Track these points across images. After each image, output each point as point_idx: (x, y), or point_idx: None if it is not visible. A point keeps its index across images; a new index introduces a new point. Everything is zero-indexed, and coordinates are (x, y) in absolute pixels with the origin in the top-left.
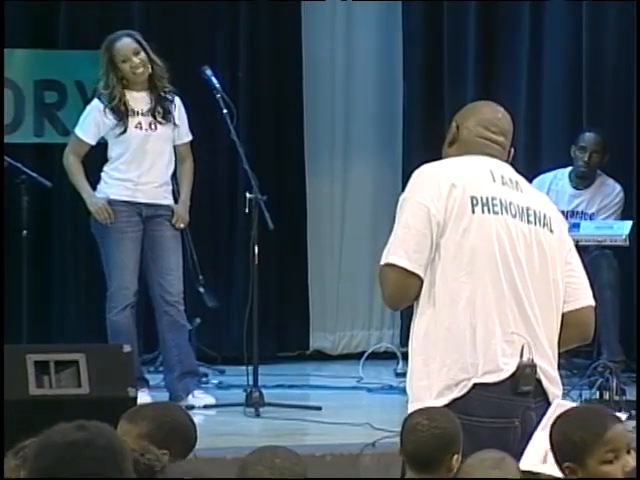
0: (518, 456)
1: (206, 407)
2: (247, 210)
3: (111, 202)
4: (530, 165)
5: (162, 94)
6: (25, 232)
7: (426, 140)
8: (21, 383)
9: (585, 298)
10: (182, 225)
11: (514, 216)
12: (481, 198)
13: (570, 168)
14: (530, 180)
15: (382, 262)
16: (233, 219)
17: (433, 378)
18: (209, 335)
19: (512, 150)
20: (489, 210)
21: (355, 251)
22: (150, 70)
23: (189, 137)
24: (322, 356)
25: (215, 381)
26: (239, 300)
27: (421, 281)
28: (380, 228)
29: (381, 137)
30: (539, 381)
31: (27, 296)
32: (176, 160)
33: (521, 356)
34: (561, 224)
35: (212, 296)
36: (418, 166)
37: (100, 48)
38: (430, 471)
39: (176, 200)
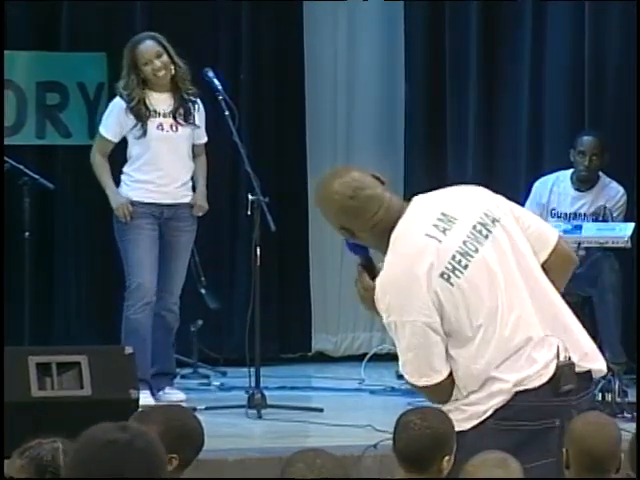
0: (558, 454)
1: (208, 408)
2: (249, 212)
3: (133, 203)
4: (532, 167)
5: (184, 96)
6: (27, 234)
7: (427, 141)
8: (23, 385)
9: (550, 236)
10: (201, 213)
11: (476, 250)
12: (446, 268)
13: (572, 170)
14: (532, 182)
15: (414, 383)
16: (235, 221)
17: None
18: (211, 337)
19: (383, 181)
20: (460, 270)
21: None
22: (172, 72)
23: (205, 138)
24: (324, 358)
25: (217, 383)
26: (241, 302)
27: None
28: None
29: (383, 138)
30: (579, 374)
31: (29, 297)
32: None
33: (557, 357)
34: (493, 204)
35: (214, 298)
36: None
37: (102, 50)
38: (419, 470)
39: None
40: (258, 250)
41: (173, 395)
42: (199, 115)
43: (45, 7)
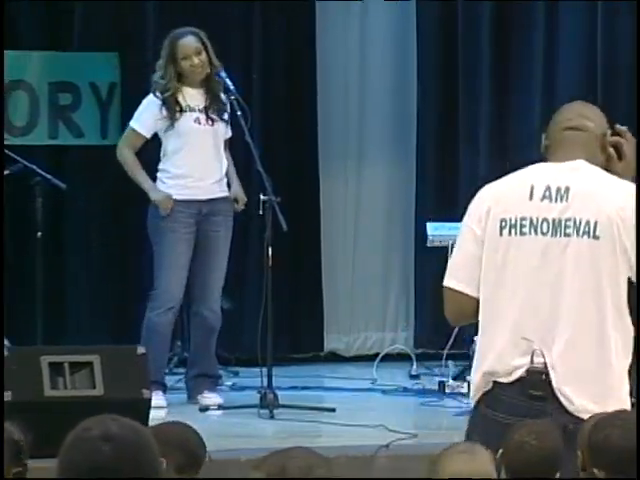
0: None
1: (220, 408)
2: (261, 212)
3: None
4: None
5: (217, 93)
6: (39, 234)
7: (440, 141)
8: (36, 384)
9: None
10: (242, 206)
11: (545, 233)
12: (510, 220)
13: None
14: None
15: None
16: (247, 221)
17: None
18: (223, 336)
19: (608, 130)
20: (516, 232)
21: (369, 252)
22: (208, 71)
23: (230, 134)
24: (336, 358)
25: (229, 383)
26: (253, 301)
27: (474, 298)
28: (394, 230)
29: (395, 138)
30: (552, 388)
31: (41, 297)
32: None
33: (531, 361)
34: (616, 225)
35: (227, 298)
36: (432, 167)
37: (114, 50)
38: None
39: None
40: (270, 250)
41: (209, 399)
42: (228, 113)
43: (57, 7)
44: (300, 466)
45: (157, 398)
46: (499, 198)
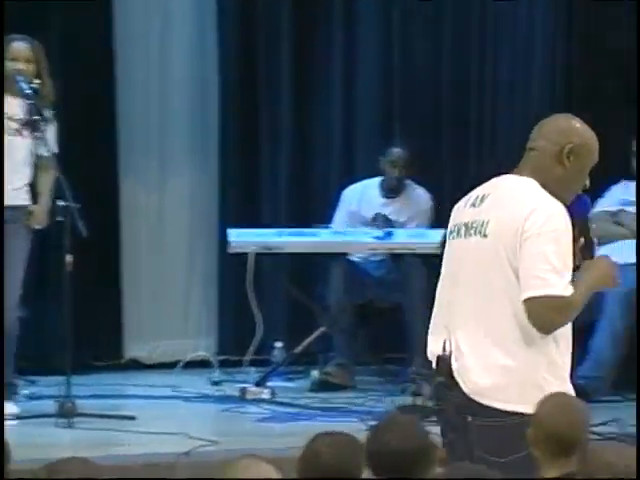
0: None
1: (17, 418)
2: (60, 218)
3: None
4: (344, 174)
5: (38, 108)
6: None
7: (242, 144)
8: None
9: (522, 291)
10: (37, 226)
11: (461, 236)
12: (452, 227)
13: (380, 178)
14: (341, 190)
15: None
16: (46, 227)
17: None
18: (20, 345)
19: (569, 146)
20: (451, 237)
21: (171, 259)
22: (35, 86)
23: (54, 150)
24: (137, 365)
25: (26, 392)
26: (52, 309)
27: None
28: (196, 236)
29: (197, 144)
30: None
31: None
32: (36, 169)
33: (443, 349)
34: (505, 224)
35: (24, 305)
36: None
37: None
38: None
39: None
40: (68, 257)
41: (5, 409)
42: (49, 127)
43: None
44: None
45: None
46: (456, 208)
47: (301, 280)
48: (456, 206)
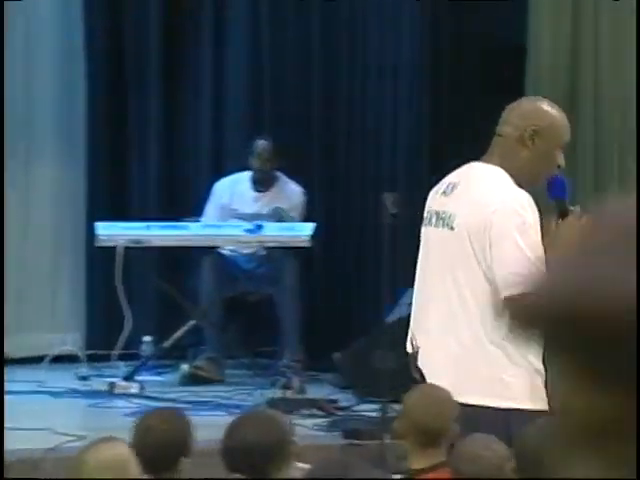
0: None
1: None
2: None
3: None
4: (214, 168)
5: None
6: None
7: (110, 136)
8: None
9: (501, 289)
10: None
11: (432, 224)
12: (425, 214)
13: (251, 172)
14: (211, 184)
15: None
16: None
17: None
18: None
19: (531, 129)
20: (425, 224)
21: (38, 252)
22: None
23: None
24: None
25: None
26: None
27: None
28: (63, 229)
29: (63, 138)
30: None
31: None
32: None
33: (412, 346)
34: (472, 219)
35: None
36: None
37: None
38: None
39: None
40: None
41: None
42: None
43: None
44: None
45: None
46: (431, 194)
47: (171, 273)
48: (432, 190)
